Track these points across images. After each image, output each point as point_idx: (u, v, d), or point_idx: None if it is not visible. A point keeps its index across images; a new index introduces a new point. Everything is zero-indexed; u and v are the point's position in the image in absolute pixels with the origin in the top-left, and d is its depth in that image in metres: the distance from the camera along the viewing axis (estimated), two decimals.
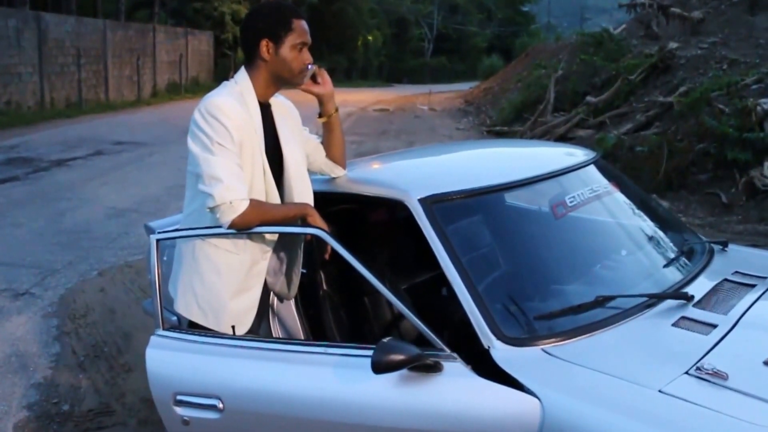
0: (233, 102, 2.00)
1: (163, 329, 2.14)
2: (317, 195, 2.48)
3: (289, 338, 2.37)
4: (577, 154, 2.69)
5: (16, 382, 3.48)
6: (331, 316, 2.48)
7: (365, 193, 2.31)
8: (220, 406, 1.96)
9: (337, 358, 1.88)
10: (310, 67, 2.10)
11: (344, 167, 2.40)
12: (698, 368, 1.66)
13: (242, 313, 2.13)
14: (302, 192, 2.19)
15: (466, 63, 47.30)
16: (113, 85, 19.42)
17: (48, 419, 3.14)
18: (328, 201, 2.54)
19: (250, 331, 2.17)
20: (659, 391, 1.58)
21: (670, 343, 1.84)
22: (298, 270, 2.33)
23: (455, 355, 1.76)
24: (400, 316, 2.64)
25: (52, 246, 5.79)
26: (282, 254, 2.29)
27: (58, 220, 6.65)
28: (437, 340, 1.77)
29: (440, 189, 2.12)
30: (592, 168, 2.57)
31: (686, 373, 1.65)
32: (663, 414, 1.53)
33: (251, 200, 1.97)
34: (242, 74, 2.09)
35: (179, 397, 2.02)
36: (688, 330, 1.86)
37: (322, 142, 2.37)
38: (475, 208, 2.23)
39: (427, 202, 2.06)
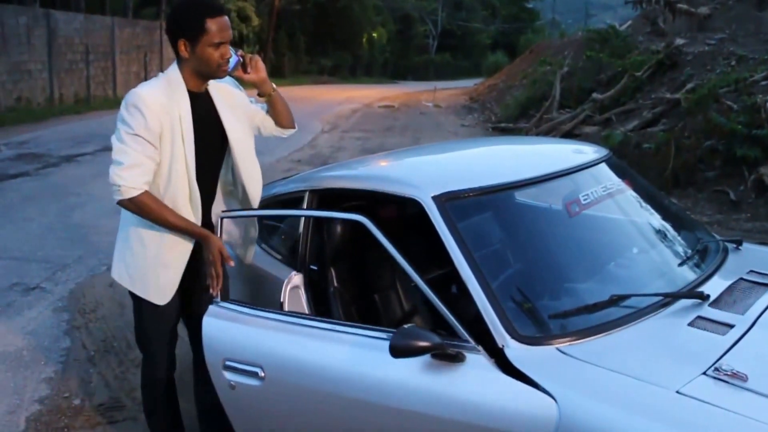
0: (156, 93, 2.18)
1: (222, 300, 2.29)
2: (331, 191, 2.49)
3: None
4: (589, 152, 2.69)
5: (28, 376, 3.49)
6: (342, 313, 2.48)
7: (378, 190, 2.31)
8: (262, 374, 2.10)
9: (372, 341, 1.94)
10: (234, 58, 2.21)
11: (294, 127, 2.59)
12: (716, 369, 1.64)
13: (164, 286, 2.36)
14: (249, 171, 2.39)
15: (471, 60, 47.18)
16: (121, 81, 19.43)
17: (59, 413, 3.15)
18: (340, 197, 2.54)
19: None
20: (677, 392, 1.57)
21: (686, 343, 1.82)
22: (254, 238, 2.59)
23: (479, 347, 1.78)
24: (411, 314, 2.64)
25: (62, 241, 5.81)
26: (241, 225, 2.56)
27: (67, 215, 6.68)
28: (463, 331, 1.79)
29: (454, 186, 2.12)
30: (604, 166, 2.56)
31: (704, 373, 1.64)
32: (681, 415, 1.52)
33: (144, 195, 2.16)
34: (173, 67, 2.27)
35: (228, 363, 2.19)
36: (705, 330, 1.85)
37: (267, 112, 2.51)
38: (489, 205, 2.23)
39: (440, 200, 2.06)
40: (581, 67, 13.40)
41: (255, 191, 2.45)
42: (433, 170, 2.60)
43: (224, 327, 2.23)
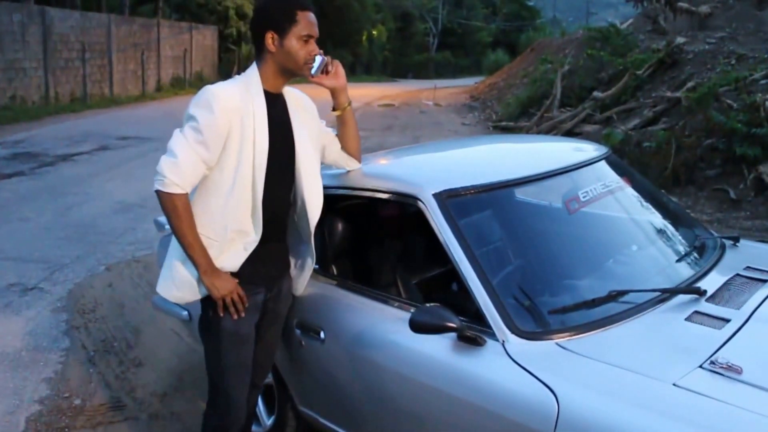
0: (231, 89, 2.05)
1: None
2: (331, 189, 2.50)
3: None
4: (589, 150, 2.70)
5: (27, 376, 3.48)
6: None
7: (378, 188, 2.32)
8: (322, 336, 2.30)
9: (405, 314, 2.01)
10: (320, 58, 2.12)
11: (359, 160, 2.44)
12: (712, 362, 1.67)
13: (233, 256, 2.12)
14: (312, 188, 2.20)
15: (471, 58, 47.23)
16: (118, 79, 19.43)
17: (60, 413, 3.15)
18: (341, 195, 2.55)
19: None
20: (673, 384, 1.59)
21: (683, 337, 1.85)
22: (311, 266, 2.34)
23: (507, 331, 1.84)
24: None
25: (59, 241, 5.80)
26: (296, 250, 2.34)
27: (64, 215, 6.67)
28: (498, 317, 1.85)
29: (454, 184, 2.14)
30: (603, 163, 2.57)
31: (700, 366, 1.66)
32: (677, 407, 1.54)
33: (183, 197, 2.01)
34: (252, 67, 2.14)
35: (299, 323, 2.41)
36: (701, 324, 1.87)
37: (337, 135, 2.39)
38: (489, 203, 2.25)
39: (441, 197, 2.08)
40: (582, 66, 13.40)
41: (314, 213, 2.21)
42: (434, 168, 2.62)
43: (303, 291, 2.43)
